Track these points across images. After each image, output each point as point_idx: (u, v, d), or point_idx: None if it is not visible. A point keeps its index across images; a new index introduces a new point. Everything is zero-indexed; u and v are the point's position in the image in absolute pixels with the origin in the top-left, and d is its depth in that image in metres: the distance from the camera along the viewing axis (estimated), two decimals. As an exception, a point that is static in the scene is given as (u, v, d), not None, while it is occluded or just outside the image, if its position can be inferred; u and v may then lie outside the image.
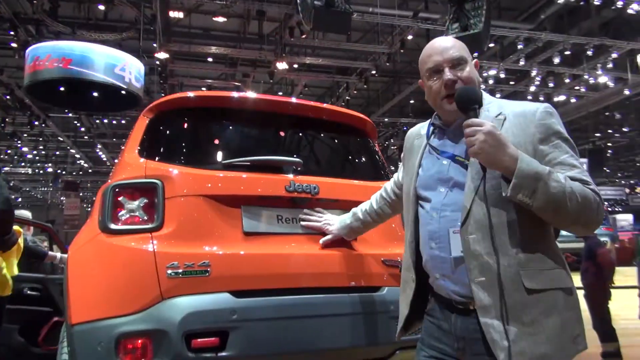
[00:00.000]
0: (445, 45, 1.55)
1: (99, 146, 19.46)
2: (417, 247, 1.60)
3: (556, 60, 12.01)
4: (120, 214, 1.97)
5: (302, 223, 2.18)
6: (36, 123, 15.40)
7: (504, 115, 1.48)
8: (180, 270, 1.85)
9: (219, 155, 2.28)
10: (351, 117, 2.62)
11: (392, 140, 18.89)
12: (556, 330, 1.35)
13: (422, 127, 1.71)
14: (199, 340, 1.78)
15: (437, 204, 1.51)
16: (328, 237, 2.14)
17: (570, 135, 1.50)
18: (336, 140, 2.70)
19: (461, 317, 1.45)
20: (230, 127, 2.45)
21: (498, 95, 15.10)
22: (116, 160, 2.65)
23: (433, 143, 1.61)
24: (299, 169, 2.25)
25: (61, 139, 17.58)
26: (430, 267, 1.53)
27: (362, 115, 2.65)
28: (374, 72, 12.94)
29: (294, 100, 2.54)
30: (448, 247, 1.46)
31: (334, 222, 2.15)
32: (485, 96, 1.57)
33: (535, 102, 1.54)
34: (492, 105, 1.53)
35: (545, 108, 1.47)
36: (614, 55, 11.86)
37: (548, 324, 1.34)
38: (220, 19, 11.59)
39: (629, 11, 9.93)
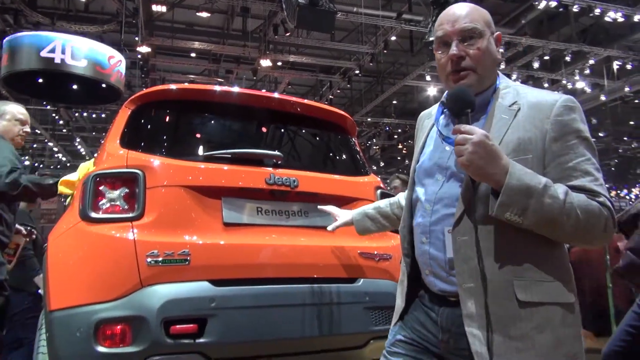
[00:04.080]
0: (459, 13, 1.36)
1: (78, 140, 19.17)
2: (410, 235, 1.47)
3: (536, 64, 12.28)
4: (101, 202, 1.99)
5: (320, 207, 2.17)
6: (13, 115, 15.08)
7: (519, 106, 1.31)
8: (160, 259, 1.89)
9: (201, 147, 2.31)
10: (331, 113, 2.67)
11: (374, 140, 18.99)
12: (549, 347, 1.21)
13: (434, 107, 1.53)
14: (177, 326, 1.82)
15: (432, 195, 1.38)
16: (336, 222, 2.04)
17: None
18: (316, 136, 2.74)
19: (449, 309, 1.33)
20: (212, 120, 2.48)
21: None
22: (95, 154, 2.65)
23: (440, 125, 1.44)
24: (279, 162, 2.29)
25: (39, 132, 17.26)
26: (420, 262, 1.42)
27: (342, 112, 2.70)
28: (357, 71, 13.01)
29: (275, 95, 2.58)
30: (440, 245, 1.34)
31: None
32: (503, 80, 1.40)
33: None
34: (508, 93, 1.36)
35: (565, 102, 1.29)
36: (592, 62, 12.16)
37: (540, 341, 1.20)
38: (204, 15, 11.54)
39: (606, 19, 10.17)
